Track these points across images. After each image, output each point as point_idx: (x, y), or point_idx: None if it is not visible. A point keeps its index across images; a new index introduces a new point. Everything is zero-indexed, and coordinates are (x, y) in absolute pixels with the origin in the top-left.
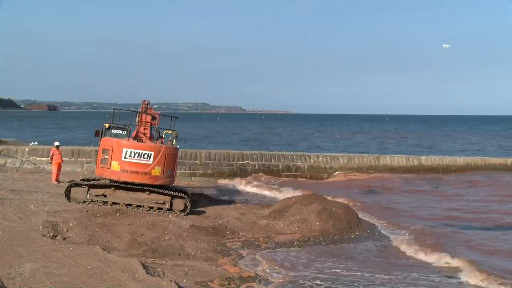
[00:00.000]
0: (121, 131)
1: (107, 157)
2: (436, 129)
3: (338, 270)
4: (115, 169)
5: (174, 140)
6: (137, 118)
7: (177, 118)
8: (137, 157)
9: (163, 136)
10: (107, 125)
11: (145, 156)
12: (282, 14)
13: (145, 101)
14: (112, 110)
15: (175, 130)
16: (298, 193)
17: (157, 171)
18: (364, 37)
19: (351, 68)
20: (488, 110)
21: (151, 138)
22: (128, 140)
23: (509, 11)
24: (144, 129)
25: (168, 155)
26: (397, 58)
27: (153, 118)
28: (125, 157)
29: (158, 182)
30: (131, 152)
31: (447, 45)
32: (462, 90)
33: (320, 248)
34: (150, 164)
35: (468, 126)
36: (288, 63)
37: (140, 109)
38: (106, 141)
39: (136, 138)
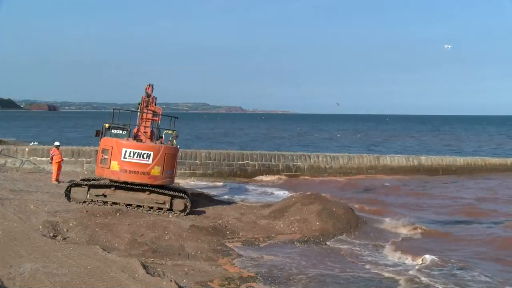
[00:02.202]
0: (121, 131)
1: (106, 157)
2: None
3: (337, 270)
4: (114, 169)
5: (174, 140)
6: (138, 114)
7: (177, 118)
8: (136, 157)
9: (163, 136)
10: (107, 125)
11: (145, 156)
12: (283, 13)
13: (148, 87)
14: (112, 110)
15: (175, 130)
16: None
17: (156, 171)
18: (365, 37)
19: (351, 68)
20: (495, 110)
21: (152, 136)
22: (128, 140)
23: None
24: (145, 127)
25: (167, 155)
26: (398, 58)
27: (155, 114)
28: (124, 157)
29: (157, 182)
30: (130, 152)
31: (449, 46)
32: (463, 90)
33: (320, 247)
34: (149, 164)
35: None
36: (288, 63)
37: (141, 102)
38: (105, 141)
39: (136, 137)
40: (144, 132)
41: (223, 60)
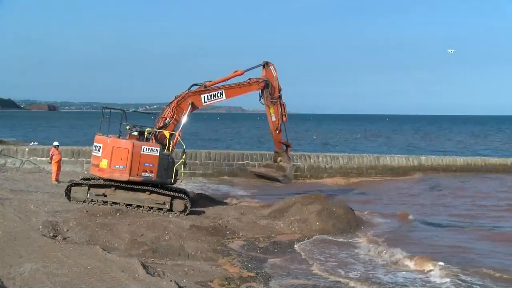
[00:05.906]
0: (136, 133)
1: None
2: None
3: (340, 271)
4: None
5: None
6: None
7: (153, 114)
8: (96, 150)
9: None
10: (127, 127)
11: (98, 148)
12: (282, 14)
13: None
14: (110, 110)
15: (148, 128)
16: None
17: (103, 163)
18: (365, 37)
19: (351, 68)
20: (491, 110)
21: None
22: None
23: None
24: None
25: (116, 148)
26: (398, 58)
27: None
28: (93, 151)
29: (105, 175)
30: (95, 145)
31: (453, 50)
32: (462, 90)
33: (320, 247)
34: (99, 157)
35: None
36: (288, 63)
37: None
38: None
39: (157, 137)
40: (158, 130)
41: (223, 60)
